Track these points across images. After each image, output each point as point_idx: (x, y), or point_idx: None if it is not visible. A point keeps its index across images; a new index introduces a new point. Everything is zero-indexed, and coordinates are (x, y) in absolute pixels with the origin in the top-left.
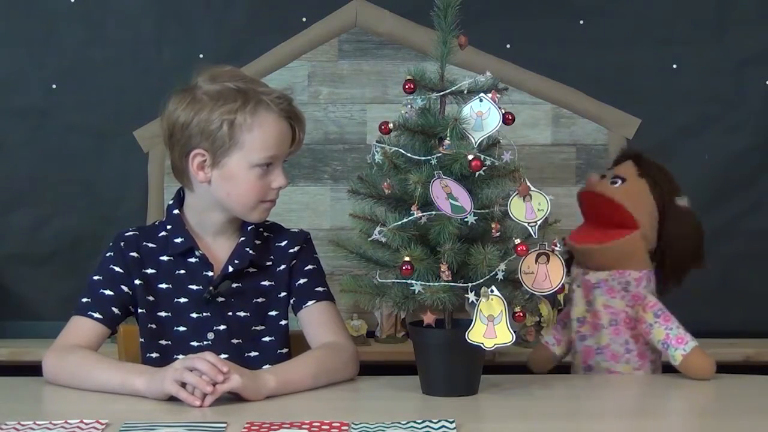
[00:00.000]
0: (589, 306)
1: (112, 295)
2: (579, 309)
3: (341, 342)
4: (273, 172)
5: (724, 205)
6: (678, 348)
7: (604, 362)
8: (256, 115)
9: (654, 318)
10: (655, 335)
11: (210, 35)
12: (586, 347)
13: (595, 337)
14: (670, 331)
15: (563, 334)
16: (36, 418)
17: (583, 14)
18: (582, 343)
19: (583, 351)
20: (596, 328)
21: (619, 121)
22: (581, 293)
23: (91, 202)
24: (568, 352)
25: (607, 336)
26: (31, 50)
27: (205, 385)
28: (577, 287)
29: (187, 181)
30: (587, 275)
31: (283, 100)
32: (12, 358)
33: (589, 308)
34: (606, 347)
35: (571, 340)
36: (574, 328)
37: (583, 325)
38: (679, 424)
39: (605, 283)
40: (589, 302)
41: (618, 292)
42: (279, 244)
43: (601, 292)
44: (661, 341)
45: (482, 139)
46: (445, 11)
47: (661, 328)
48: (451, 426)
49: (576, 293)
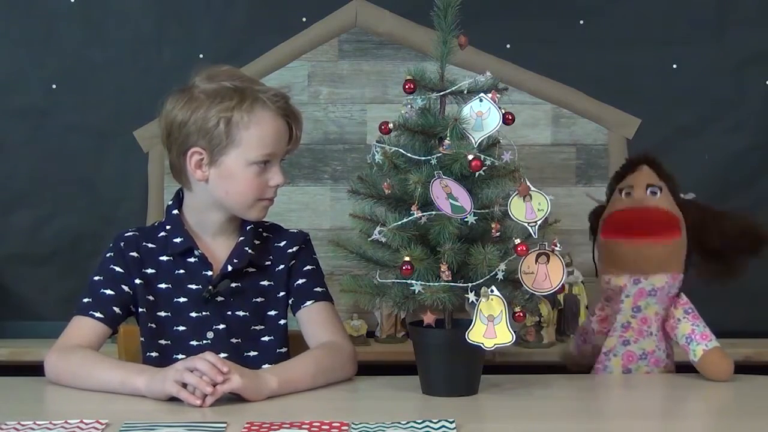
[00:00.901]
0: (638, 312)
1: (113, 294)
2: (625, 315)
3: (339, 342)
4: (270, 170)
5: (724, 205)
6: (701, 343)
7: (646, 367)
8: (252, 112)
9: (684, 314)
10: (681, 329)
11: (210, 35)
12: (629, 352)
13: (639, 343)
14: (696, 327)
15: (589, 339)
16: (36, 418)
17: (583, 14)
18: (624, 348)
19: (624, 355)
20: (642, 334)
21: (619, 121)
22: (630, 302)
23: (91, 202)
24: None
25: (652, 343)
26: (31, 50)
27: (205, 385)
28: (626, 297)
29: (185, 181)
30: (640, 284)
31: (280, 98)
32: (12, 358)
33: (636, 314)
34: (651, 353)
35: (597, 348)
36: (618, 332)
37: (628, 330)
38: (680, 423)
39: (662, 290)
40: (637, 308)
41: (671, 298)
42: (278, 244)
43: (656, 300)
44: (685, 336)
45: (482, 139)
46: (445, 11)
47: (688, 324)
48: (451, 426)
49: (624, 303)
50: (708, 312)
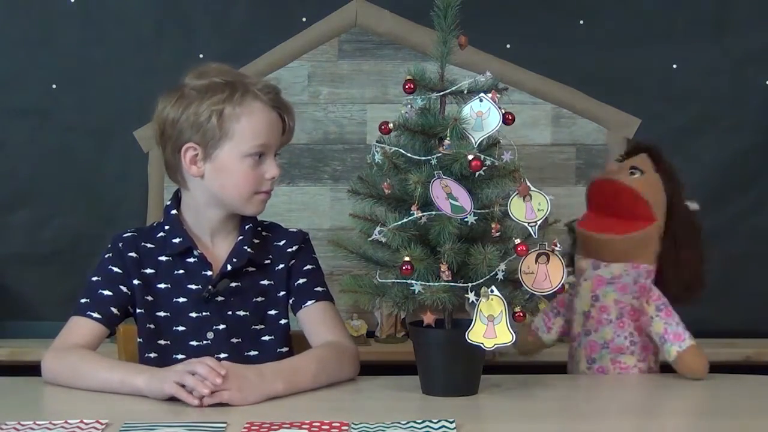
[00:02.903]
0: (596, 300)
1: (111, 295)
2: (584, 303)
3: (342, 341)
4: (265, 162)
5: (724, 205)
6: (674, 344)
7: (609, 354)
8: (243, 104)
9: (656, 311)
10: (654, 328)
11: (210, 35)
12: (591, 342)
13: (600, 332)
14: (668, 326)
15: (555, 322)
16: (36, 418)
17: (583, 14)
18: (587, 338)
19: (587, 345)
20: (601, 323)
21: (619, 121)
22: (589, 286)
23: (91, 202)
24: (557, 340)
25: (611, 331)
26: (31, 50)
27: (203, 388)
28: (584, 281)
29: (181, 180)
30: (598, 270)
31: (270, 89)
32: (12, 358)
33: (595, 303)
34: (611, 341)
35: (565, 331)
36: (580, 322)
37: (588, 320)
38: (679, 423)
39: (619, 279)
40: (596, 297)
41: (630, 286)
42: (277, 243)
43: (614, 288)
44: (659, 335)
45: (482, 139)
46: (445, 11)
47: (660, 322)
48: (451, 426)
49: (583, 287)
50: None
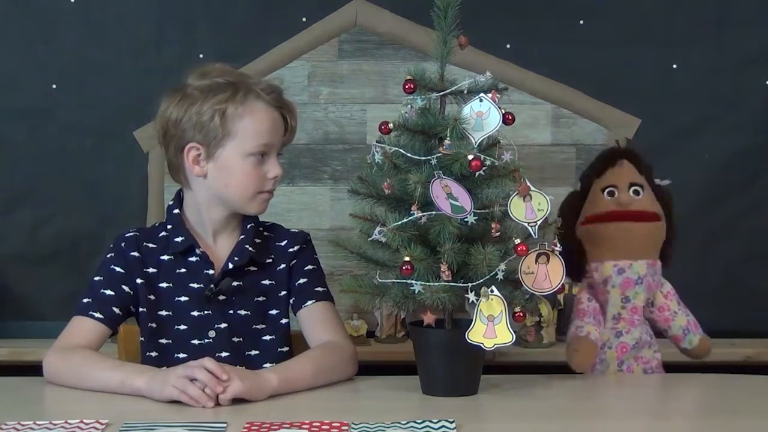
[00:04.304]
0: (627, 302)
1: (113, 295)
2: (615, 306)
3: (340, 341)
4: (268, 161)
5: (724, 205)
6: (696, 334)
7: (633, 352)
8: (246, 104)
9: (677, 305)
10: (678, 321)
11: (210, 35)
12: (623, 344)
13: (631, 333)
14: (689, 317)
15: (596, 323)
16: (36, 418)
17: (583, 14)
18: (618, 340)
19: (618, 347)
20: (633, 323)
21: (619, 121)
22: (618, 293)
23: (91, 202)
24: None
25: (639, 330)
26: (31, 50)
27: (207, 399)
28: (612, 288)
29: (184, 179)
30: (625, 273)
31: (273, 89)
32: (12, 358)
33: (626, 304)
34: (639, 339)
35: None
36: (610, 324)
37: (619, 322)
38: (679, 423)
39: (645, 278)
40: (626, 298)
41: (652, 284)
42: (279, 243)
43: (643, 288)
44: (682, 327)
45: (482, 139)
46: (445, 11)
47: (683, 316)
48: (451, 426)
49: (611, 294)
50: (708, 312)
